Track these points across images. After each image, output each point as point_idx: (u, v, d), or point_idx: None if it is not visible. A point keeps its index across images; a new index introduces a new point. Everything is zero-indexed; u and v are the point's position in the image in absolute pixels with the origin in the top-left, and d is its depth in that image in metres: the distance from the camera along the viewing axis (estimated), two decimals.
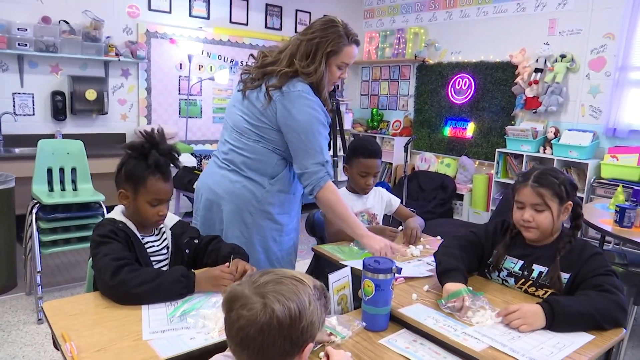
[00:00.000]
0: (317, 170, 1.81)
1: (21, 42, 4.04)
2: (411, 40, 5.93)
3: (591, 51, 4.44)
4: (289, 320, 0.88)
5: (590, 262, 1.53)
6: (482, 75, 5.26)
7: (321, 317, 0.95)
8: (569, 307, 1.35)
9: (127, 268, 1.42)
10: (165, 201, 1.62)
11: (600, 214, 3.01)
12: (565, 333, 1.32)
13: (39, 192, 3.09)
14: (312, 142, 1.80)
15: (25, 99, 4.29)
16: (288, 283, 0.92)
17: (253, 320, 0.88)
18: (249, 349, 0.89)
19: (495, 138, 5.20)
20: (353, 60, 1.92)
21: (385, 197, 2.40)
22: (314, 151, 1.81)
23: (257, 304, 0.88)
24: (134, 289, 1.38)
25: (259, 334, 0.87)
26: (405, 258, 1.94)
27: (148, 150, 1.57)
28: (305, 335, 0.91)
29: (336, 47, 1.82)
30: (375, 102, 6.57)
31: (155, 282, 1.41)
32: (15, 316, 2.91)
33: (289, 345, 0.89)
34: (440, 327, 1.32)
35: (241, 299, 0.90)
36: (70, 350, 1.13)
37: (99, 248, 1.49)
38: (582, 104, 4.54)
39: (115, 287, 1.40)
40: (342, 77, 1.93)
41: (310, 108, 1.80)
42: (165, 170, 1.60)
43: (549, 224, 1.60)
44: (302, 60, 1.82)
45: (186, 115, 5.27)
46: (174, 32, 5.06)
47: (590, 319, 1.34)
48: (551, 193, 1.58)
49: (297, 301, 0.90)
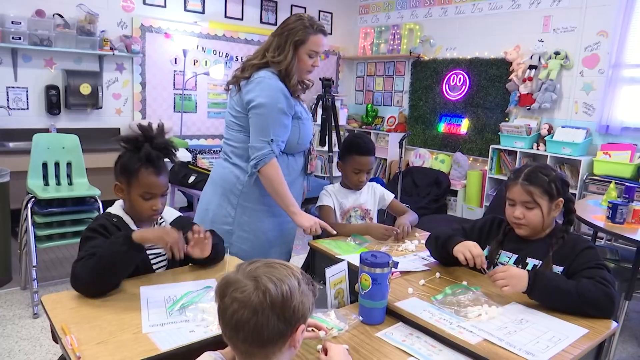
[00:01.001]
0: (262, 146, 1.95)
1: (15, 36, 4.01)
2: (406, 37, 5.94)
3: (585, 48, 4.47)
4: (281, 298, 0.90)
5: (583, 255, 1.56)
6: (477, 72, 5.28)
7: (311, 300, 0.97)
8: (551, 281, 1.45)
9: (79, 263, 1.41)
10: (159, 195, 1.61)
11: (593, 210, 3.04)
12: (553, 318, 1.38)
13: (34, 187, 3.08)
14: (263, 121, 1.95)
15: (19, 93, 4.27)
16: (278, 267, 0.96)
17: (247, 301, 0.90)
18: (244, 331, 0.90)
19: (489, 134, 5.23)
20: (322, 49, 2.06)
21: (378, 192, 2.41)
22: (262, 129, 1.96)
23: (250, 286, 0.91)
24: (87, 279, 1.38)
25: (253, 314, 0.89)
26: (401, 253, 1.96)
27: (142, 143, 1.58)
28: (297, 314, 0.93)
29: (302, 37, 1.98)
30: (370, 98, 6.58)
31: (97, 257, 1.40)
32: (10, 310, 2.90)
33: (282, 325, 0.91)
34: (436, 320, 1.34)
35: (234, 284, 0.92)
36: (70, 343, 1.14)
37: (84, 244, 1.51)
38: (576, 101, 4.57)
39: (76, 286, 1.41)
40: (315, 65, 2.07)
41: (268, 91, 1.96)
42: (158, 163, 1.60)
43: (539, 221, 1.63)
44: (273, 52, 2.01)
45: (181, 110, 5.26)
46: (168, 26, 5.04)
47: (571, 299, 1.40)
48: (541, 191, 1.61)
49: (288, 281, 0.93)
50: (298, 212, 2.04)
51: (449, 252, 1.68)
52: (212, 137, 5.58)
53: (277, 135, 1.97)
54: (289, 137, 2.04)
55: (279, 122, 1.96)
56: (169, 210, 1.76)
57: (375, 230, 2.15)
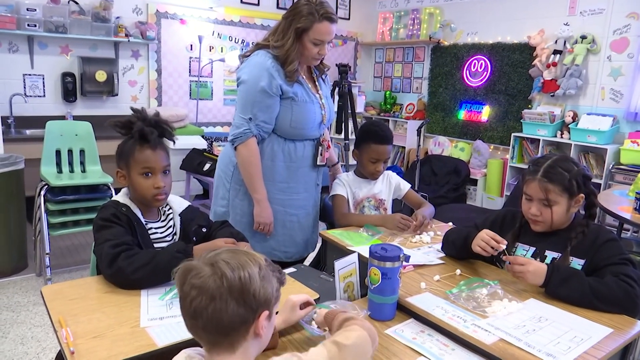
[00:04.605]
0: (241, 124, 1.95)
1: (30, 23, 4.00)
2: (426, 21, 5.79)
3: (613, 32, 4.27)
4: (239, 282, 0.87)
5: (605, 248, 1.48)
6: (499, 57, 5.11)
7: (275, 287, 0.94)
8: (569, 276, 1.40)
9: (123, 255, 1.38)
10: (159, 172, 1.55)
11: (619, 200, 2.92)
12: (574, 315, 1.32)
13: (48, 174, 3.08)
14: (244, 98, 1.96)
15: (35, 80, 4.27)
16: (239, 253, 0.92)
17: (204, 287, 0.86)
18: (203, 318, 0.87)
19: (511, 122, 5.08)
20: (328, 37, 1.97)
21: (394, 182, 2.31)
22: (242, 106, 1.96)
23: (207, 271, 0.88)
24: (132, 275, 1.35)
25: (211, 300, 0.86)
26: (415, 245, 1.89)
27: (134, 124, 1.53)
28: (259, 299, 0.89)
29: (305, 24, 1.92)
30: (388, 85, 6.45)
31: (151, 264, 1.38)
32: (25, 297, 2.92)
33: (242, 310, 0.87)
34: (450, 318, 1.27)
35: (192, 270, 0.89)
36: (65, 337, 1.11)
37: (101, 232, 1.46)
38: (602, 87, 4.39)
39: (113, 275, 1.38)
40: (321, 53, 2.00)
41: (252, 69, 1.95)
42: (151, 138, 1.54)
43: (558, 218, 1.55)
44: (276, 36, 1.98)
45: (197, 97, 5.22)
46: (184, 12, 4.99)
47: (588, 297, 1.35)
48: (560, 189, 1.51)
49: (248, 267, 0.89)
50: (260, 201, 2.00)
51: (471, 252, 1.61)
52: (228, 124, 5.53)
53: (255, 114, 1.94)
54: (279, 120, 1.99)
55: (257, 100, 1.93)
56: (178, 200, 1.71)
57: (392, 221, 2.04)
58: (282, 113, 1.99)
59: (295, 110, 1.99)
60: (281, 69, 1.96)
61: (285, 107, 1.98)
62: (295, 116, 2.00)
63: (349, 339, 0.95)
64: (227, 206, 2.11)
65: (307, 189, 2.15)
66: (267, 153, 2.04)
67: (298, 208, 2.13)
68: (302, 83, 2.04)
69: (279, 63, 1.96)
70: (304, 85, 2.05)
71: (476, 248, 1.56)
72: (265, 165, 2.03)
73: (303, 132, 2.05)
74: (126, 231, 1.48)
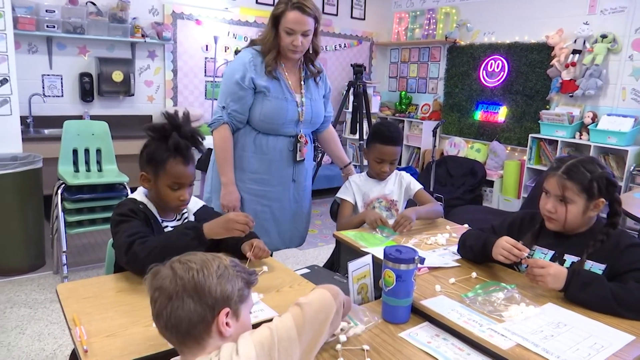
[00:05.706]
0: (217, 111, 2.11)
1: (49, 24, 4.06)
2: (442, 21, 5.73)
3: (635, 30, 4.18)
4: (193, 282, 0.89)
5: (627, 254, 1.44)
6: (516, 57, 5.05)
7: (238, 286, 0.94)
8: (589, 281, 1.36)
9: (138, 241, 1.40)
10: (186, 186, 1.58)
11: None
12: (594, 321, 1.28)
13: (65, 173, 3.12)
14: (222, 89, 2.11)
15: (54, 80, 4.33)
16: (198, 254, 0.95)
17: (163, 288, 0.90)
18: (164, 318, 0.90)
19: (528, 123, 5.00)
20: (299, 27, 1.98)
21: (405, 182, 2.28)
22: (220, 95, 2.12)
23: (165, 272, 0.92)
24: (145, 259, 1.35)
25: (169, 301, 0.89)
26: (430, 246, 1.86)
27: (169, 132, 1.53)
28: (216, 297, 0.90)
29: (277, 12, 2.00)
30: (403, 85, 6.41)
31: (161, 244, 1.40)
32: (42, 294, 2.96)
33: (199, 307, 0.89)
34: (465, 322, 1.25)
35: (155, 274, 0.93)
36: (79, 335, 1.11)
37: (119, 227, 1.49)
38: (624, 87, 4.30)
39: (129, 262, 1.41)
40: (294, 44, 2.01)
41: (233, 63, 2.13)
42: (186, 153, 1.56)
43: (572, 219, 1.50)
44: (263, 31, 2.11)
45: (212, 97, 5.24)
46: (199, 13, 5.01)
47: (608, 303, 1.32)
48: (578, 188, 1.47)
49: (204, 266, 0.92)
50: (226, 185, 2.10)
51: (490, 258, 1.58)
52: None
53: (229, 103, 2.07)
54: (251, 112, 2.10)
55: (231, 92, 2.06)
56: (193, 200, 1.72)
57: (370, 216, 2.02)
58: (253, 106, 2.09)
59: (266, 105, 2.08)
60: (260, 64, 2.06)
61: (257, 101, 2.08)
62: (264, 110, 2.08)
63: (308, 298, 0.99)
64: (210, 192, 2.23)
65: (282, 183, 2.20)
66: (239, 143, 2.14)
67: (271, 200, 2.21)
68: (281, 80, 2.10)
69: (261, 57, 2.07)
70: (282, 82, 2.10)
71: (498, 257, 1.53)
72: (237, 154, 2.14)
73: (274, 127, 2.12)
74: (143, 225, 1.50)
